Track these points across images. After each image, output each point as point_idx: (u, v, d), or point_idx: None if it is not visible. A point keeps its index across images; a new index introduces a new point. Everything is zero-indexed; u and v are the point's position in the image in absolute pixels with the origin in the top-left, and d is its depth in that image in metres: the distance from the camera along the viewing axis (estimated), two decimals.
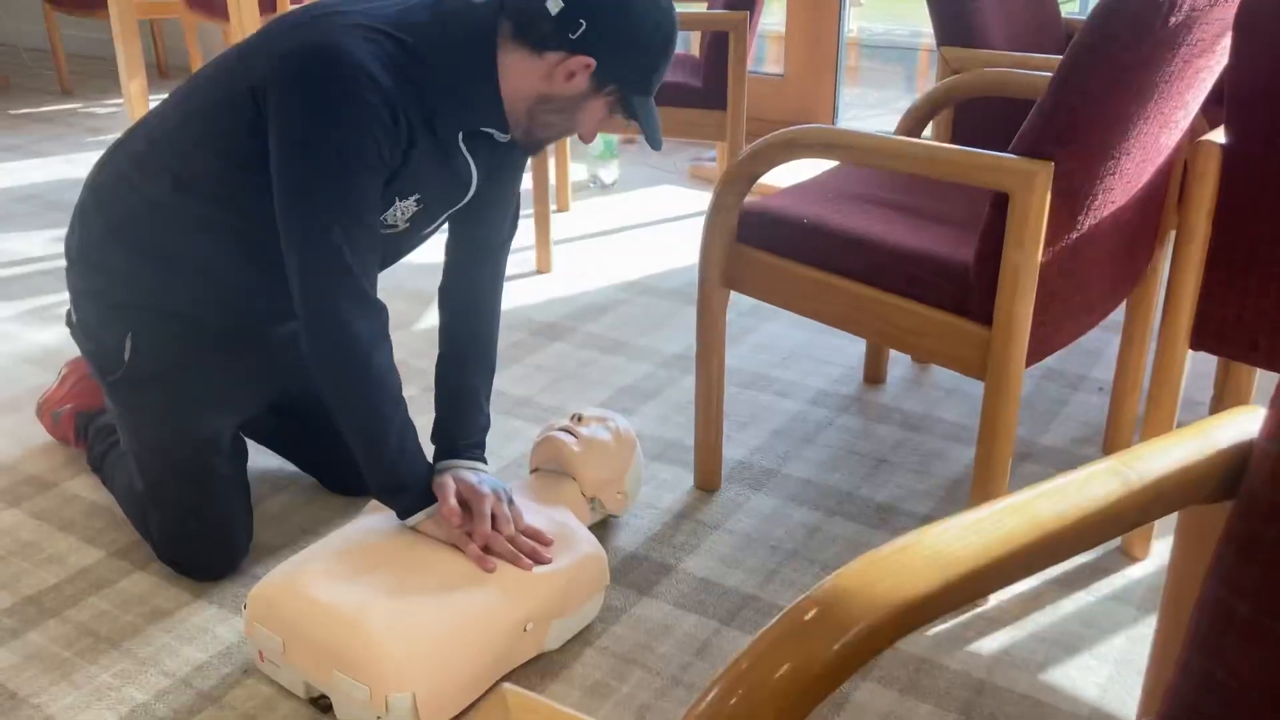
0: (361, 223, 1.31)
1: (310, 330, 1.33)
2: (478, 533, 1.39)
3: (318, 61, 1.27)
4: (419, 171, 1.38)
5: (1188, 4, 1.26)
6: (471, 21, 1.35)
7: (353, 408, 1.35)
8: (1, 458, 1.92)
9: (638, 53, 1.35)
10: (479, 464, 1.50)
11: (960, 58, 1.99)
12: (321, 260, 1.30)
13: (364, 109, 1.27)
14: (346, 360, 1.33)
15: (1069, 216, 1.41)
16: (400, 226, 1.44)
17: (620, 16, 1.32)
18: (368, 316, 1.33)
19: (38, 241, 2.99)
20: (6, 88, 4.86)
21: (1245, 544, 0.70)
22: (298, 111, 1.28)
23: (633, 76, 1.36)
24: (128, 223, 1.46)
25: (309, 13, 1.34)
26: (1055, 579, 1.59)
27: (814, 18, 3.74)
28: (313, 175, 1.28)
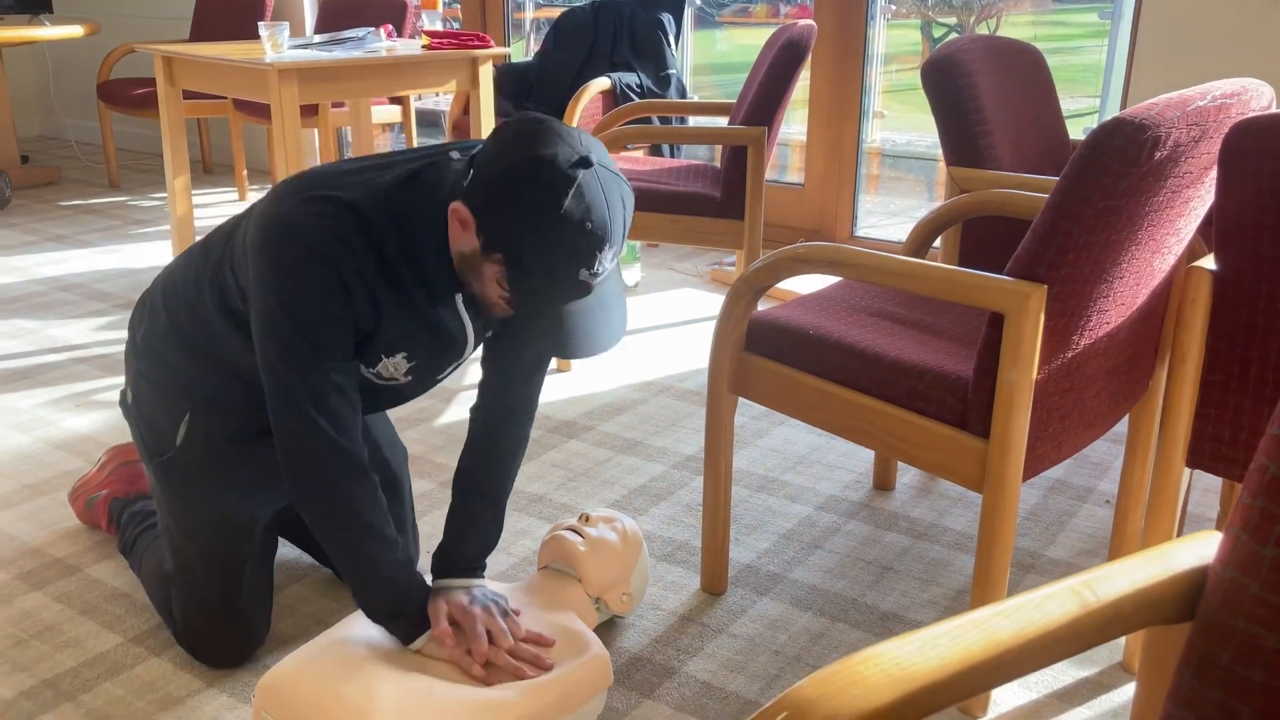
0: (336, 387, 1.36)
1: (297, 491, 1.39)
2: (475, 652, 1.42)
3: (278, 238, 1.33)
4: (397, 332, 1.41)
5: (1173, 139, 1.32)
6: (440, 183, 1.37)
7: (343, 552, 1.40)
8: (29, 541, 1.98)
9: (514, 214, 1.25)
10: (473, 580, 1.53)
11: (967, 178, 2.07)
12: (299, 434, 1.36)
13: (318, 280, 1.31)
14: (335, 517, 1.38)
15: (1064, 336, 1.45)
16: (401, 380, 1.49)
17: (506, 174, 1.25)
18: (349, 475, 1.37)
19: (78, 330, 3.10)
20: (58, 180, 5.06)
21: (1201, 666, 0.73)
22: (260, 282, 1.35)
23: (512, 246, 1.26)
24: (185, 326, 1.54)
25: (292, 183, 1.40)
26: (1055, 693, 1.60)
27: (835, 128, 3.86)
28: (281, 347, 1.34)
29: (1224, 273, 1.44)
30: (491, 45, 3.34)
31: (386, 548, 1.41)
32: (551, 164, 1.24)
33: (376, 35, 3.34)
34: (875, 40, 3.81)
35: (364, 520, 1.39)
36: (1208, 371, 1.49)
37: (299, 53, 3.08)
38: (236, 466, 1.57)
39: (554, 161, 1.24)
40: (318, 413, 1.35)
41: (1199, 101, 1.35)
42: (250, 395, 1.55)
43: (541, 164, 1.24)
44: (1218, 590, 0.74)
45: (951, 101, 2.07)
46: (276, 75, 2.89)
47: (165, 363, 1.57)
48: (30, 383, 2.71)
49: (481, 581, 1.54)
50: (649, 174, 2.94)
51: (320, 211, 1.34)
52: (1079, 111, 6.15)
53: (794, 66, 2.65)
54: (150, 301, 1.62)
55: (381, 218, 1.36)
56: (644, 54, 3.97)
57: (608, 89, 3.75)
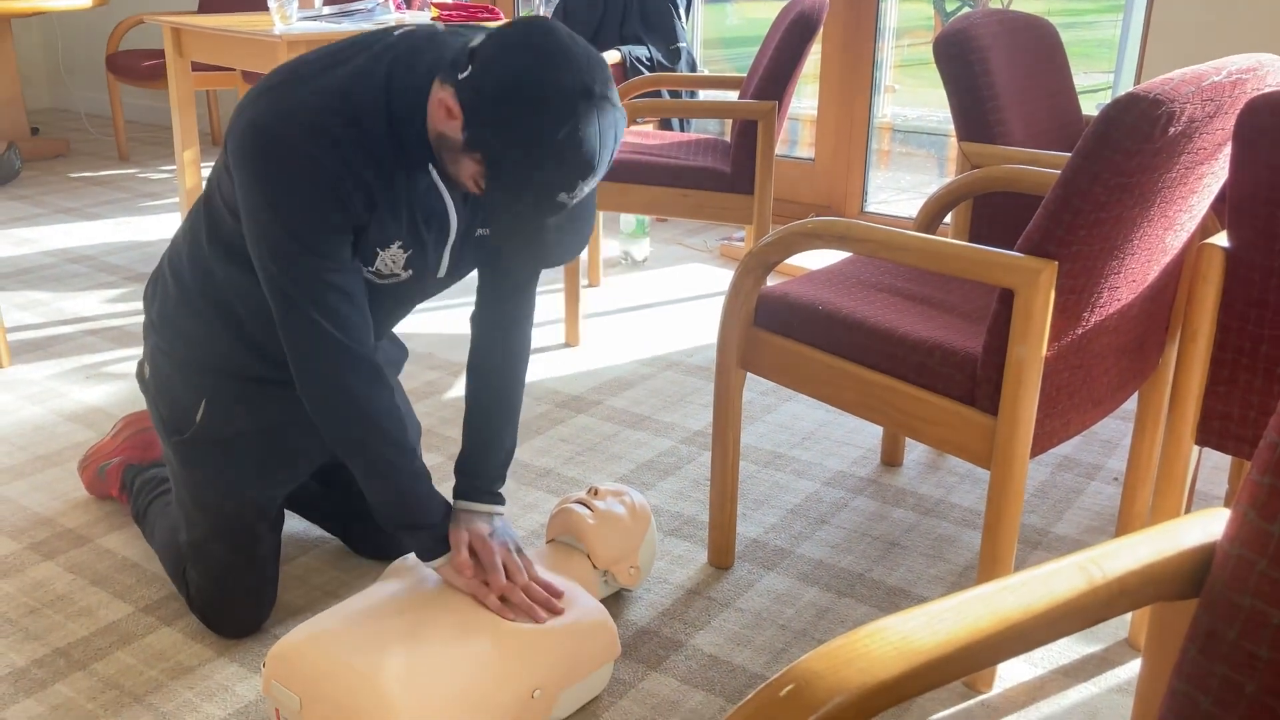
0: (334, 288, 1.35)
1: (307, 396, 1.39)
2: (493, 582, 1.43)
3: (260, 141, 1.30)
4: (389, 220, 1.40)
5: (1187, 114, 1.31)
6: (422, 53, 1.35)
7: (359, 459, 1.40)
8: (41, 511, 1.99)
9: (506, 127, 1.22)
10: (495, 507, 1.53)
11: (979, 153, 2.06)
12: (303, 335, 1.36)
13: (309, 181, 1.29)
14: (346, 419, 1.38)
15: (1074, 313, 1.45)
16: (402, 275, 1.47)
17: (509, 86, 1.22)
18: (359, 375, 1.37)
19: (89, 302, 3.11)
20: (67, 152, 5.07)
21: (1207, 642, 0.73)
22: (249, 192, 1.33)
23: (497, 152, 1.25)
24: (193, 282, 1.54)
25: (263, 85, 1.37)
26: (1061, 669, 1.60)
27: (846, 103, 3.83)
28: (276, 254, 1.33)
29: (1237, 250, 1.43)
30: (500, 17, 3.33)
31: (403, 455, 1.41)
32: (555, 89, 1.21)
33: (385, 7, 3.32)
34: (887, 14, 3.78)
35: (378, 423, 1.38)
36: (1218, 349, 1.49)
37: (308, 24, 3.07)
38: (256, 446, 1.58)
39: (557, 87, 1.21)
40: (322, 316, 1.34)
41: (1214, 77, 1.34)
42: (264, 353, 1.55)
43: (544, 87, 1.21)
44: (1225, 567, 0.74)
45: (964, 76, 2.06)
46: (285, 47, 2.88)
47: (180, 333, 1.57)
48: (41, 354, 2.73)
49: (501, 510, 1.54)
50: (658, 148, 2.93)
51: (301, 106, 1.30)
52: (1093, 87, 6.10)
53: (805, 40, 2.63)
54: (160, 276, 1.63)
55: (362, 96, 1.32)
56: (654, 27, 3.95)
57: (618, 62, 3.73)
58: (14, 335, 2.85)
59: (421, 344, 2.83)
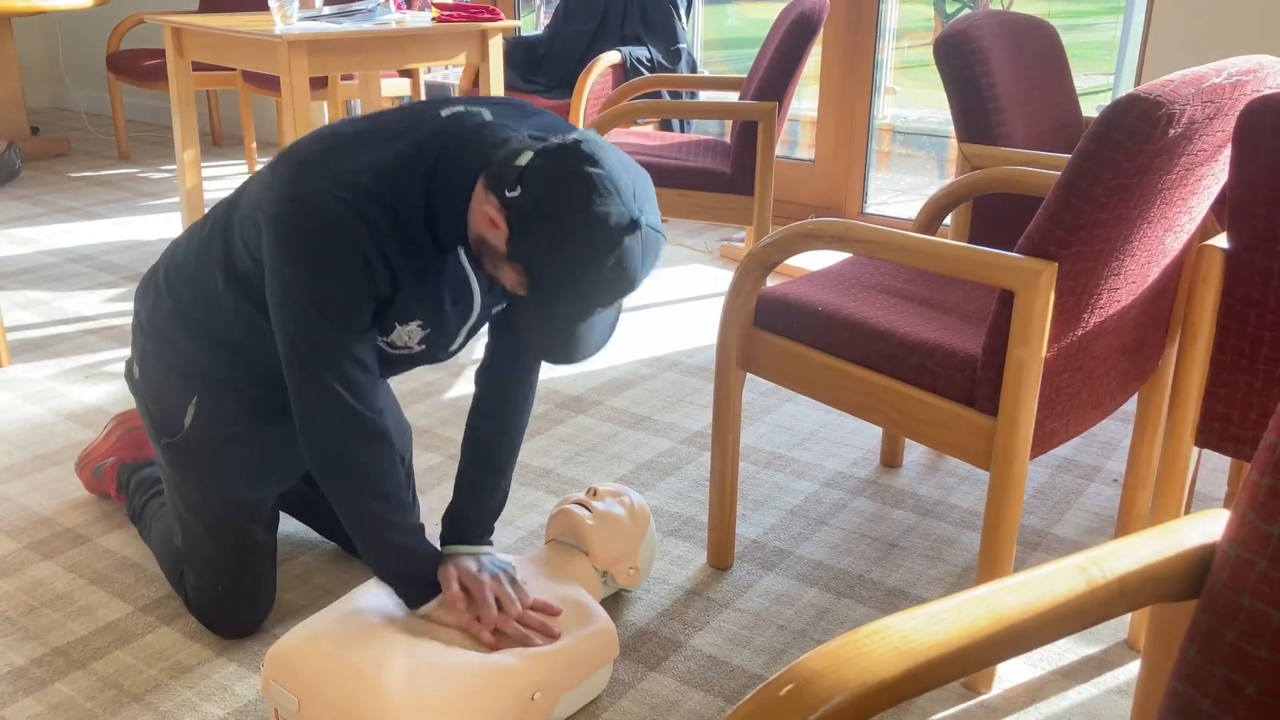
0: (349, 356, 1.36)
1: (311, 456, 1.39)
2: (484, 618, 1.43)
3: (294, 213, 1.32)
4: (412, 301, 1.42)
5: (1187, 116, 1.31)
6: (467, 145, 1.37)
7: (355, 516, 1.41)
8: (40, 511, 1.99)
9: (554, 253, 1.27)
10: (482, 547, 1.54)
11: (979, 154, 2.06)
12: (314, 399, 1.36)
13: (337, 257, 1.31)
14: (348, 482, 1.39)
15: (1074, 315, 1.45)
16: (415, 349, 1.49)
17: (557, 217, 1.26)
18: (365, 440, 1.38)
19: (88, 301, 3.11)
20: (67, 152, 5.07)
21: (1206, 643, 0.73)
22: (276, 258, 1.35)
23: (542, 272, 1.29)
24: (189, 304, 1.55)
25: (308, 149, 1.38)
26: (1060, 670, 1.60)
27: (846, 105, 3.84)
28: (297, 319, 1.34)
29: (1236, 251, 1.43)
30: (501, 18, 3.33)
31: (398, 512, 1.42)
32: (602, 227, 1.25)
33: (386, 7, 3.33)
34: (887, 15, 3.78)
35: (377, 485, 1.40)
36: (1218, 350, 1.49)
37: (308, 24, 3.07)
38: (246, 449, 1.58)
39: (605, 224, 1.25)
40: (335, 381, 1.35)
41: (1214, 78, 1.34)
42: (257, 372, 1.55)
43: (592, 224, 1.25)
44: (1224, 567, 0.74)
45: (964, 78, 2.06)
46: (286, 47, 2.88)
47: (170, 343, 1.57)
48: (41, 354, 2.73)
49: (490, 549, 1.55)
50: (659, 149, 2.93)
51: (340, 183, 1.33)
52: (1093, 89, 6.11)
53: (805, 42, 2.64)
54: (154, 280, 1.62)
55: (404, 178, 1.35)
56: (654, 28, 3.95)
57: (618, 63, 3.73)
58: (13, 334, 2.85)
59: None
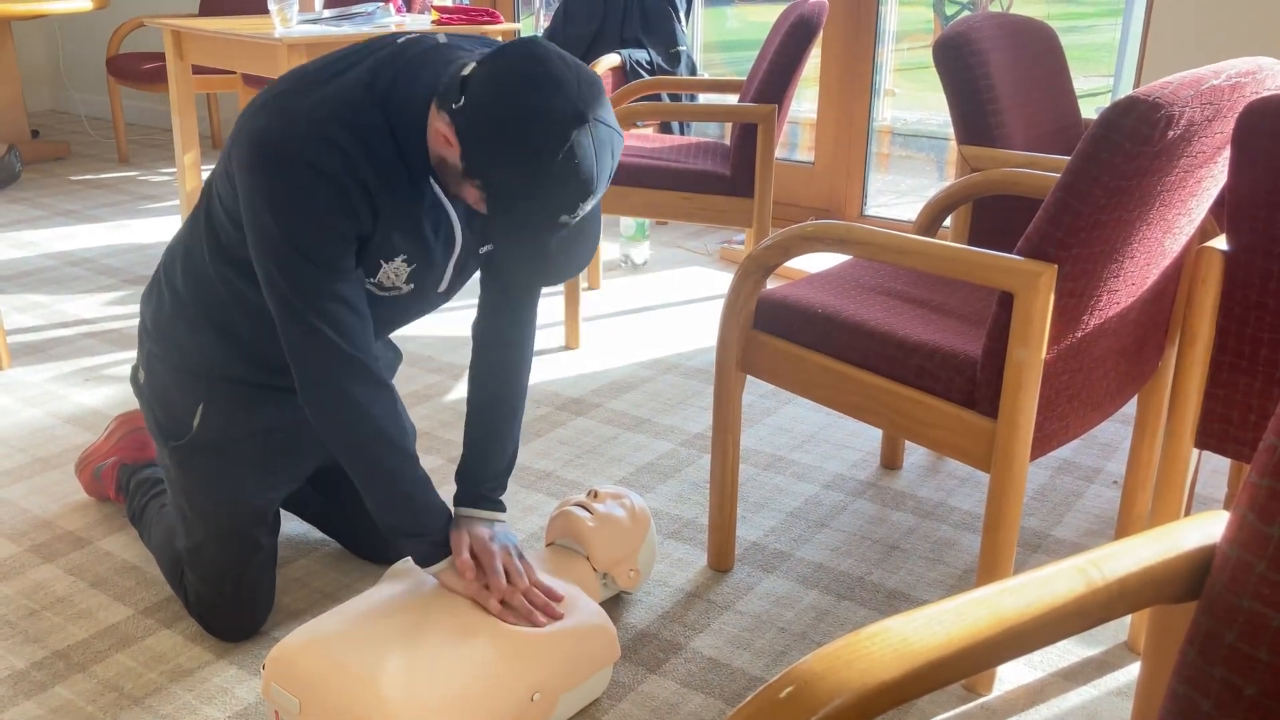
0: (338, 297, 1.35)
1: (310, 405, 1.39)
2: (493, 586, 1.43)
3: (265, 152, 1.30)
4: (394, 233, 1.40)
5: (1186, 118, 1.32)
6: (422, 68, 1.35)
7: (361, 467, 1.40)
8: (40, 514, 1.99)
9: (503, 156, 1.24)
10: (496, 514, 1.54)
11: (978, 156, 2.06)
12: (306, 344, 1.36)
13: (314, 193, 1.30)
14: (348, 427, 1.38)
15: (1073, 316, 1.45)
16: (404, 289, 1.47)
17: (501, 115, 1.23)
18: (362, 382, 1.37)
19: (88, 305, 3.11)
20: (68, 155, 5.07)
21: (1206, 645, 0.73)
22: (253, 202, 1.33)
23: (495, 180, 1.27)
24: (190, 293, 1.54)
25: (266, 94, 1.37)
26: (1060, 672, 1.60)
27: (845, 107, 3.84)
28: (280, 265, 1.33)
29: (1236, 253, 1.43)
30: (501, 21, 3.33)
31: (405, 462, 1.41)
32: (546, 117, 1.22)
33: (385, 10, 3.33)
34: (887, 18, 3.78)
35: (380, 431, 1.39)
36: (1217, 352, 1.49)
37: (308, 27, 3.07)
38: (252, 452, 1.58)
39: (549, 115, 1.22)
40: (325, 325, 1.34)
41: (1213, 80, 1.34)
42: (261, 360, 1.55)
43: (536, 116, 1.22)
44: (1224, 569, 0.74)
45: (963, 80, 2.06)
46: (285, 50, 2.88)
47: (175, 342, 1.57)
48: (41, 357, 2.73)
49: (503, 517, 1.54)
50: (658, 151, 2.93)
51: (306, 116, 1.30)
52: (1092, 91, 6.11)
53: (805, 44, 2.64)
54: (156, 282, 1.62)
55: (366, 106, 1.33)
56: (654, 30, 3.95)
57: (617, 66, 3.74)
58: (14, 338, 2.85)
59: (421, 347, 2.83)
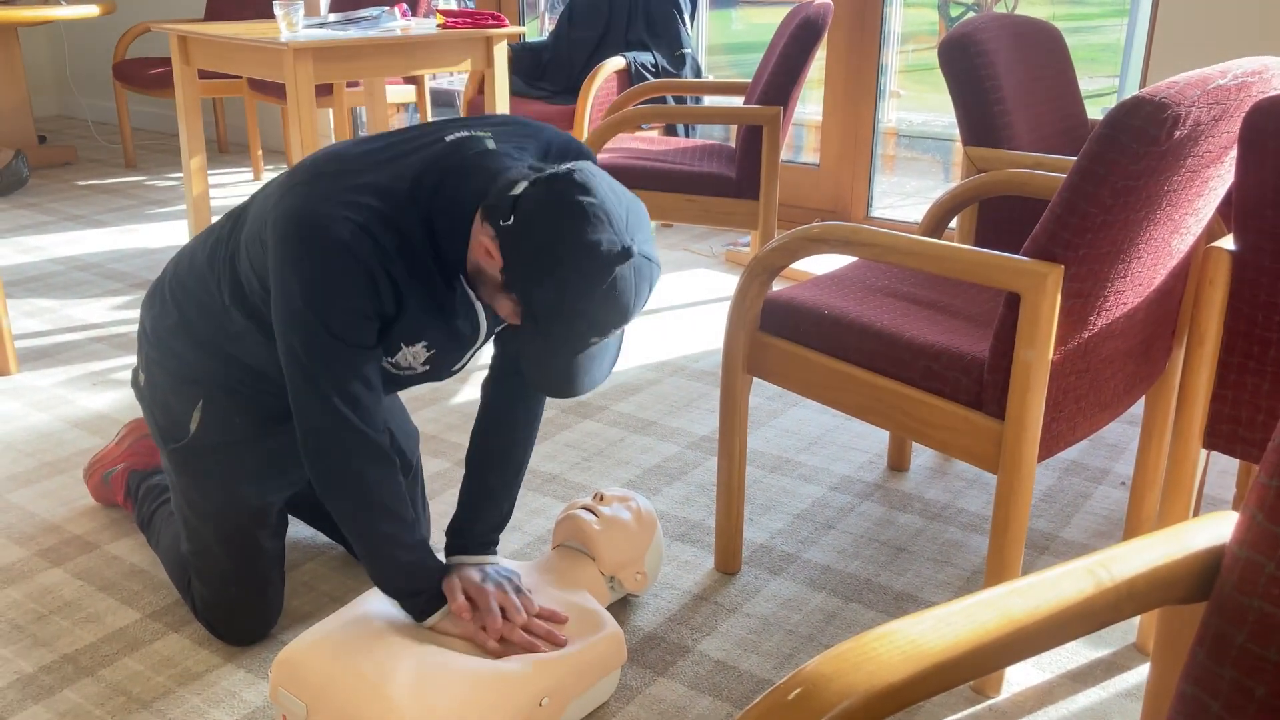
0: (356, 375, 1.36)
1: (315, 474, 1.39)
2: (490, 627, 1.43)
3: (301, 231, 1.32)
4: (418, 322, 1.42)
5: (1192, 118, 1.31)
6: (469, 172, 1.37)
7: (360, 533, 1.41)
8: (48, 518, 2.00)
9: (547, 282, 1.26)
10: (487, 557, 1.54)
11: (984, 157, 2.06)
12: (317, 417, 1.36)
13: (345, 273, 1.31)
14: (351, 498, 1.39)
15: (1080, 317, 1.45)
16: (419, 369, 1.49)
17: (549, 245, 1.26)
18: (368, 458, 1.38)
19: (95, 309, 3.12)
20: (74, 160, 5.08)
21: (1215, 645, 0.73)
22: (283, 275, 1.34)
23: (535, 302, 1.28)
24: (195, 321, 1.55)
25: (309, 171, 1.38)
26: (1069, 673, 1.60)
27: (851, 108, 3.84)
28: (301, 336, 1.34)
29: (1243, 253, 1.43)
30: (506, 24, 3.34)
31: (404, 529, 1.42)
32: (594, 255, 1.25)
33: (391, 14, 3.34)
34: (892, 19, 3.78)
35: (382, 504, 1.40)
36: (1225, 352, 1.49)
37: (314, 32, 3.08)
38: (251, 454, 1.58)
39: (597, 252, 1.25)
40: (340, 400, 1.35)
41: (1219, 80, 1.34)
42: (262, 383, 1.55)
43: (584, 252, 1.25)
44: (1233, 570, 0.73)
45: (968, 81, 2.06)
46: (291, 55, 2.89)
47: (175, 354, 1.58)
48: (48, 362, 2.73)
49: (495, 558, 1.55)
50: (664, 154, 2.94)
51: (347, 202, 1.32)
52: (1098, 91, 6.10)
53: (809, 46, 2.64)
54: (160, 292, 1.63)
55: (407, 203, 1.35)
56: (659, 33, 3.95)
57: (622, 68, 3.74)
58: (21, 342, 2.86)
59: None
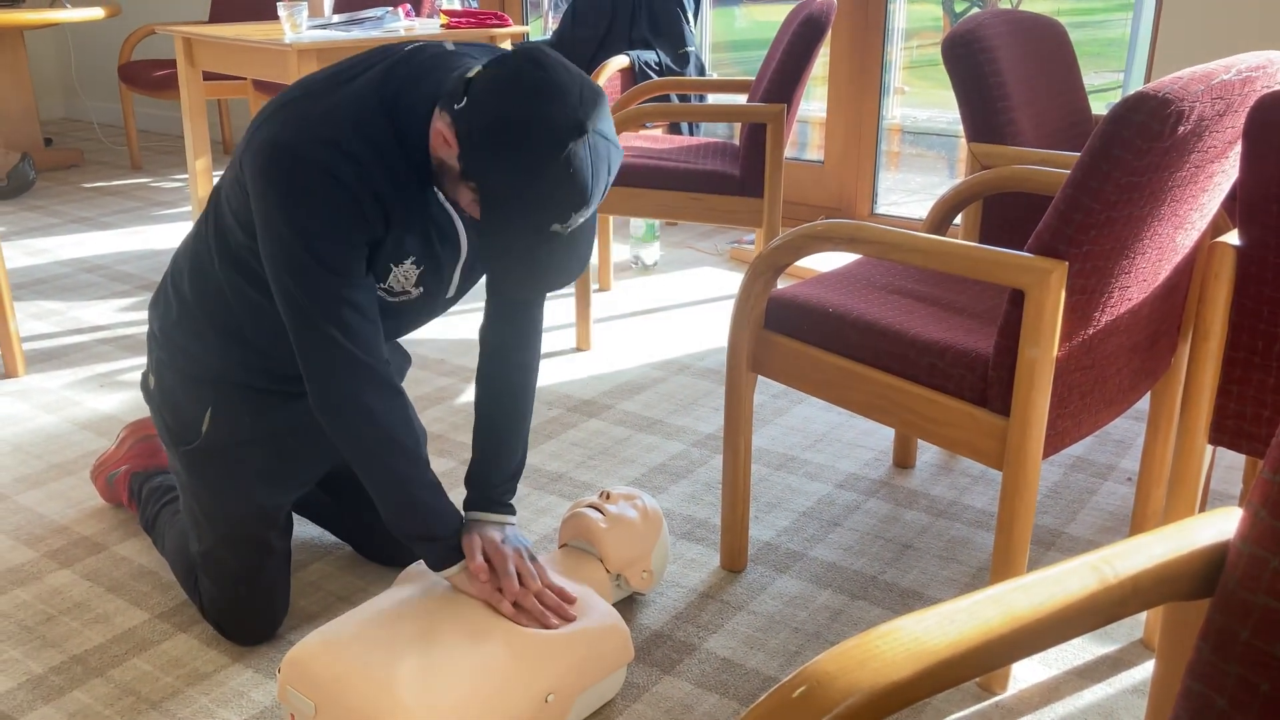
0: (350, 303, 1.36)
1: (322, 410, 1.40)
2: (506, 589, 1.44)
3: (281, 159, 1.31)
4: (404, 236, 1.41)
5: (1196, 113, 1.31)
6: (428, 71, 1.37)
7: (373, 471, 1.41)
8: (56, 519, 2.01)
9: (499, 159, 1.24)
10: (506, 517, 1.54)
11: (988, 154, 2.06)
12: (318, 350, 1.36)
13: (328, 199, 1.31)
14: (361, 432, 1.39)
15: (1085, 313, 1.45)
16: (413, 293, 1.48)
17: (500, 120, 1.24)
18: (374, 387, 1.38)
19: (102, 311, 3.13)
20: (80, 162, 5.10)
21: (1220, 641, 0.73)
22: (266, 208, 1.34)
23: (490, 183, 1.26)
24: (197, 301, 1.55)
25: (278, 101, 1.38)
26: (1075, 669, 1.60)
27: (855, 105, 3.83)
28: (293, 271, 1.34)
29: (1248, 248, 1.43)
30: (509, 24, 3.34)
31: (417, 467, 1.42)
32: (545, 125, 1.23)
33: (394, 14, 3.34)
34: (896, 15, 3.78)
35: (392, 437, 1.39)
36: (1231, 348, 1.48)
37: (318, 33, 3.08)
38: (262, 454, 1.59)
39: (548, 123, 1.23)
40: (336, 330, 1.35)
41: (1223, 75, 1.33)
42: (270, 365, 1.55)
43: (535, 123, 1.23)
44: (1237, 565, 0.74)
45: (973, 77, 2.06)
46: (296, 55, 2.89)
47: (183, 349, 1.58)
48: (56, 363, 2.74)
49: (513, 519, 1.55)
50: (668, 152, 2.94)
51: (320, 123, 1.31)
52: (1103, 86, 6.09)
53: (813, 43, 2.64)
54: (164, 289, 1.63)
55: (375, 114, 1.34)
56: (662, 31, 3.95)
57: (626, 67, 3.74)
58: (29, 345, 2.87)
59: (433, 350, 2.84)
